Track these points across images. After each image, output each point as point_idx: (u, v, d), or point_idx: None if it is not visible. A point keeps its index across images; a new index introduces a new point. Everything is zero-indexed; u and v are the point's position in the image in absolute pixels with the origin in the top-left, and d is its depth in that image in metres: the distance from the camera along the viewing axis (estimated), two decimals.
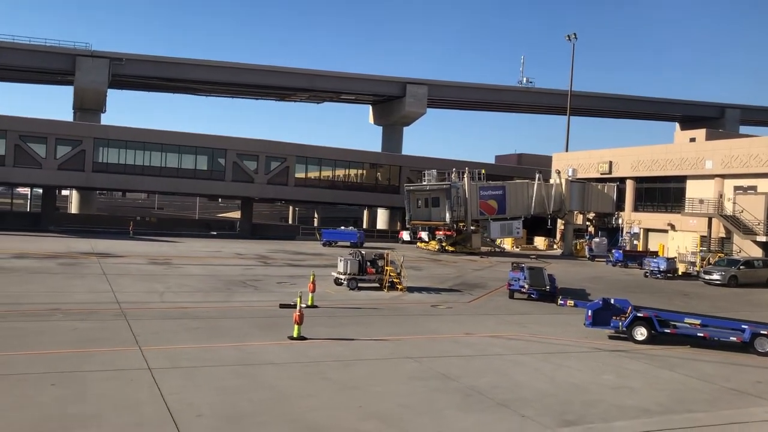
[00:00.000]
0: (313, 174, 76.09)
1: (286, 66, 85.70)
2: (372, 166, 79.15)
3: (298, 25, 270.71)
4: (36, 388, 13.56)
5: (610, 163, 64.84)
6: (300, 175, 74.38)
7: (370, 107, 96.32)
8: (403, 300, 29.21)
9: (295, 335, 19.63)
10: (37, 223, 64.76)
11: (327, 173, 77.13)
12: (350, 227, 67.78)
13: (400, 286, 31.57)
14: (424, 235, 62.04)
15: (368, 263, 32.08)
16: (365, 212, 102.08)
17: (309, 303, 25.52)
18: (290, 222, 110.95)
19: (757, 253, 48.17)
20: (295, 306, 25.14)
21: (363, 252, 32.73)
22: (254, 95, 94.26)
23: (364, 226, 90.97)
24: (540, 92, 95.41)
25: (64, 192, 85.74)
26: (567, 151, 75.07)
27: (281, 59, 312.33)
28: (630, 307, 22.59)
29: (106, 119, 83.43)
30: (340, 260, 32.19)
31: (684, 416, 14.04)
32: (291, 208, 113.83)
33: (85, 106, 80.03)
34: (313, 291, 26.07)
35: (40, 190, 71.37)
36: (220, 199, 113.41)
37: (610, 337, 22.65)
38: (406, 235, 68.31)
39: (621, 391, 15.90)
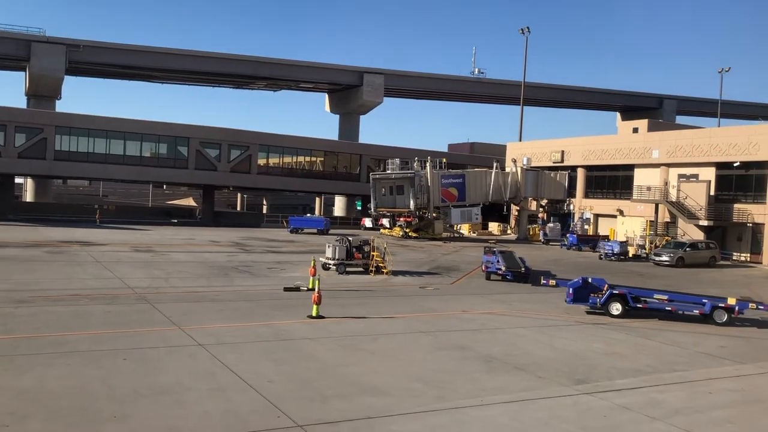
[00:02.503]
0: (275, 162, 77.19)
1: (245, 54, 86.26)
2: (332, 154, 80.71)
3: (256, 13, 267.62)
4: (113, 362, 15.10)
5: (563, 152, 68.25)
6: (262, 162, 75.41)
7: (327, 96, 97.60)
8: (391, 283, 31.31)
9: (314, 314, 21.46)
10: None
11: (288, 161, 78.34)
12: (318, 215, 69.34)
13: (385, 270, 33.64)
14: (385, 221, 64.20)
15: (355, 249, 34.02)
16: (317, 200, 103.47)
17: (309, 286, 27.28)
18: (239, 209, 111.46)
19: (700, 236, 52.13)
20: (298, 289, 27.18)
21: (350, 238, 34.62)
22: (212, 83, 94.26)
23: (316, 213, 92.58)
24: (492, 83, 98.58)
25: (18, 180, 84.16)
26: (520, 140, 78.29)
27: (239, 47, 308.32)
28: (606, 285, 25.30)
29: (61, 106, 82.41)
30: (329, 246, 34.03)
31: (672, 374, 16.64)
32: (239, 195, 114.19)
33: (40, 93, 78.78)
34: (314, 275, 27.84)
35: None
36: (165, 186, 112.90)
37: (588, 313, 25.26)
38: (368, 222, 70.32)
39: (613, 356, 18.43)
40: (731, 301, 24.14)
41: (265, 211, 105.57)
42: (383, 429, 11.74)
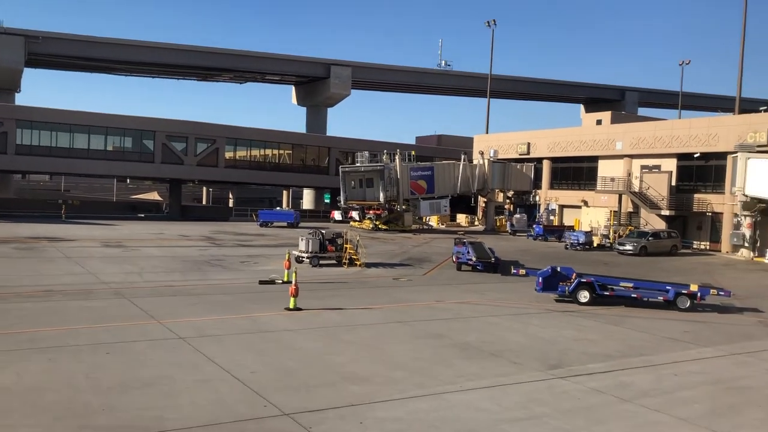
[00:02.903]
0: (242, 155, 76.83)
1: (210, 46, 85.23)
2: (300, 147, 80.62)
3: (221, 5, 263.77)
4: (95, 357, 15.22)
5: (528, 144, 69.27)
6: (229, 155, 75.00)
7: (293, 88, 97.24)
8: (365, 275, 31.70)
9: (291, 306, 21.75)
10: None
11: (256, 154, 78.04)
12: (287, 208, 69.29)
13: (358, 263, 34.02)
14: (355, 214, 64.50)
15: (328, 242, 34.31)
16: (285, 193, 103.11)
17: (285, 279, 27.53)
18: (204, 203, 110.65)
19: (662, 225, 53.59)
20: (273, 282, 27.42)
21: (323, 231, 34.89)
22: (176, 75, 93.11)
23: (284, 206, 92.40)
24: (458, 75, 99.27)
25: None
26: (487, 133, 79.16)
27: (204, 39, 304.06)
28: (574, 274, 26.04)
29: (21, 100, 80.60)
30: (302, 239, 34.26)
31: (639, 358, 17.36)
32: (205, 189, 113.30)
33: None
34: (289, 268, 28.08)
35: None
36: (128, 180, 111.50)
37: (557, 301, 25.98)
38: (337, 215, 70.49)
39: (583, 342, 19.11)
40: (693, 288, 25.08)
41: (231, 204, 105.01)
42: (368, 415, 12.14)
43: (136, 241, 42.41)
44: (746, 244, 46.81)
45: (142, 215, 73.61)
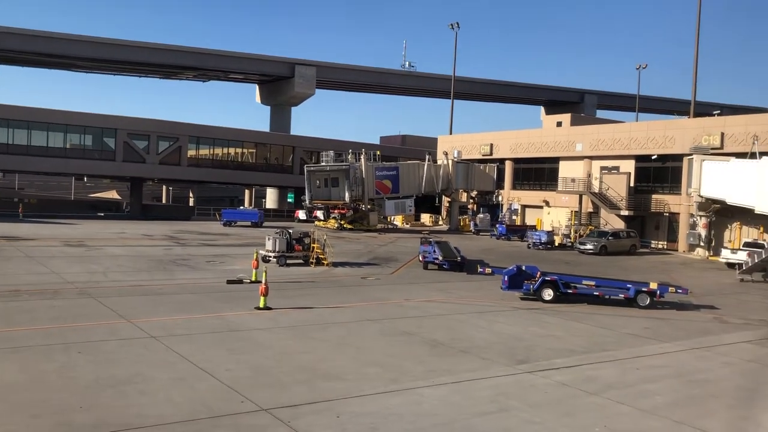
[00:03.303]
0: (205, 153, 76.20)
1: (172, 44, 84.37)
2: (264, 146, 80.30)
3: (185, 2, 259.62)
4: (67, 356, 15.14)
5: (491, 145, 70.22)
6: (192, 153, 74.32)
7: (257, 86, 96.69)
8: (333, 274, 31.88)
9: (261, 306, 21.83)
10: None
11: (219, 153, 77.46)
12: (250, 207, 68.94)
13: (325, 262, 34.18)
14: (319, 213, 64.57)
15: (295, 241, 34.39)
16: (247, 192, 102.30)
17: (253, 279, 27.55)
18: (164, 202, 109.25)
19: (621, 225, 54.94)
20: (241, 282, 27.44)
21: (290, 231, 34.96)
22: (138, 73, 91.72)
23: (246, 205, 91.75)
24: (422, 76, 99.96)
25: None
26: (451, 133, 79.95)
27: (167, 36, 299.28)
28: (539, 273, 26.66)
29: None
30: (269, 239, 34.26)
31: (603, 353, 17.95)
32: (165, 187, 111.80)
33: None
34: (257, 267, 28.11)
35: None
36: (85, 178, 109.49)
37: (522, 298, 26.56)
38: (302, 214, 70.44)
39: (548, 338, 19.65)
40: (653, 286, 25.90)
41: (191, 203, 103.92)
42: (343, 410, 12.38)
43: (99, 241, 41.83)
44: (702, 244, 48.30)
45: (102, 214, 72.57)
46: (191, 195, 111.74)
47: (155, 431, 10.93)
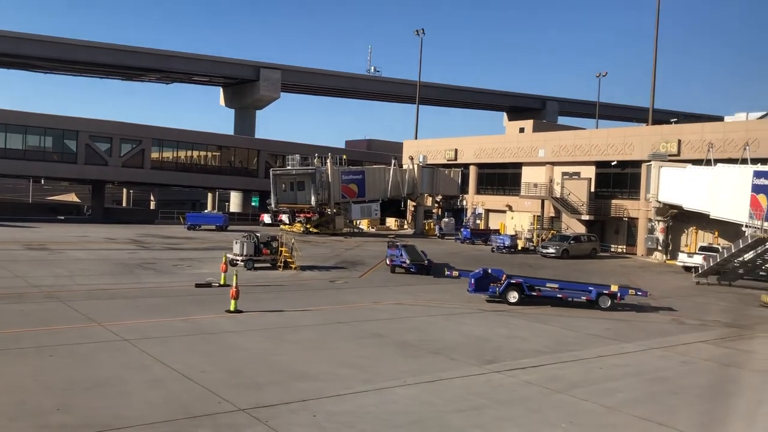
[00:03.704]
0: (169, 156, 75.49)
1: (134, 45, 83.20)
2: (229, 149, 79.91)
3: (149, 3, 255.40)
4: (40, 359, 15.13)
5: (456, 150, 71.12)
6: (155, 156, 73.55)
7: (221, 89, 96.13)
8: (301, 277, 32.07)
9: (232, 309, 21.95)
10: None
11: (183, 156, 76.82)
12: (215, 211, 68.53)
13: (293, 266, 34.33)
14: (285, 217, 64.59)
15: (263, 245, 34.48)
16: (210, 195, 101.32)
17: (222, 282, 27.61)
18: (125, 205, 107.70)
19: (582, 229, 56.15)
20: (209, 285, 27.48)
21: (258, 234, 35.03)
22: (99, 74, 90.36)
23: (209, 209, 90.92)
24: (387, 81, 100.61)
25: None
26: (416, 138, 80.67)
27: (130, 38, 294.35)
28: (504, 276, 27.29)
29: None
30: (236, 242, 34.27)
31: (567, 354, 18.56)
32: (125, 190, 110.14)
33: None
34: (225, 271, 28.16)
35: None
36: (42, 181, 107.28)
37: (488, 301, 27.13)
38: (267, 218, 70.30)
39: (514, 339, 20.22)
40: (614, 288, 26.76)
41: (152, 207, 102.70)
42: (319, 410, 12.67)
43: (61, 244, 41.25)
44: (659, 248, 49.72)
45: (63, 218, 71.30)
46: (152, 198, 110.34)
47: (136, 431, 11.08)
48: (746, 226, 34.70)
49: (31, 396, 12.57)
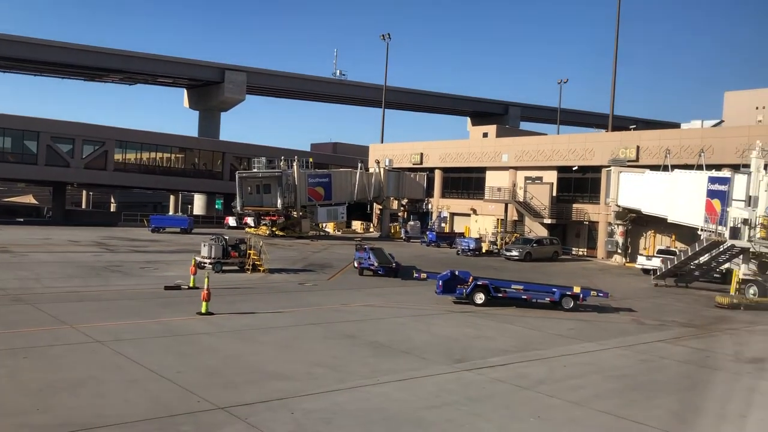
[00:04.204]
0: (132, 158, 74.68)
1: (96, 45, 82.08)
2: (194, 151, 79.40)
3: (111, 3, 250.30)
4: (14, 361, 15.16)
5: (422, 154, 71.88)
6: (119, 158, 72.72)
7: (185, 91, 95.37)
8: (270, 280, 32.26)
9: (203, 311, 22.11)
10: None
11: (147, 157, 76.07)
12: (179, 213, 68.01)
13: (262, 268, 34.48)
14: (250, 220, 64.50)
15: (231, 248, 34.55)
16: (172, 198, 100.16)
17: (191, 285, 27.67)
18: (83, 207, 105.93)
19: (544, 233, 57.30)
20: (179, 288, 27.52)
21: (226, 237, 35.09)
22: (60, 74, 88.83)
23: (171, 211, 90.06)
24: (353, 85, 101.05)
25: None
26: (382, 142, 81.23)
27: (93, 37, 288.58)
28: (471, 277, 27.92)
29: None
30: (204, 245, 34.29)
31: (533, 352, 19.23)
32: (84, 192, 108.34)
33: None
34: (195, 273, 28.22)
35: None
36: None
37: (455, 302, 27.71)
38: (232, 221, 70.06)
39: (481, 339, 20.82)
40: (576, 290, 27.60)
41: (112, 209, 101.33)
42: (296, 407, 13.03)
43: (23, 247, 40.68)
44: (619, 251, 51.08)
45: (22, 220, 69.97)
46: (113, 200, 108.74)
47: (118, 429, 11.30)
48: (702, 230, 36.04)
49: (10, 396, 12.68)
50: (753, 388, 16.42)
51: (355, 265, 36.84)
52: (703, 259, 35.89)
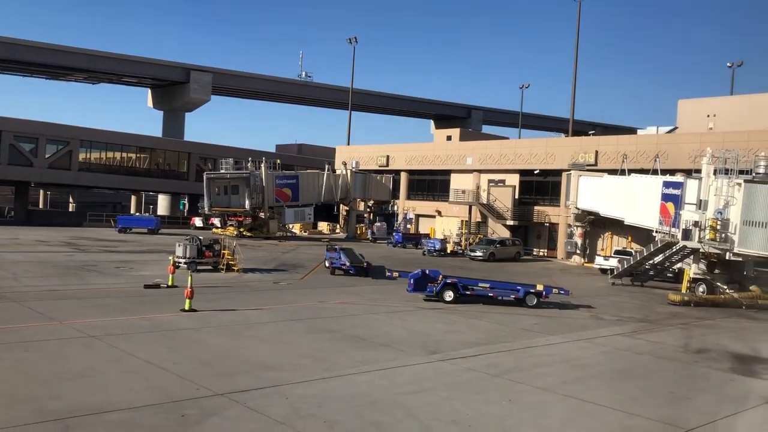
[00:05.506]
0: (97, 158, 74.31)
1: (59, 44, 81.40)
2: (159, 151, 79.31)
3: (76, 2, 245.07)
4: (15, 355, 15.89)
5: (388, 157, 73.22)
6: (83, 158, 72.30)
7: (149, 91, 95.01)
8: (245, 279, 33.12)
9: (187, 308, 22.95)
10: None
11: (112, 157, 75.75)
12: (146, 214, 67.97)
13: (236, 268, 35.29)
14: (216, 221, 64.91)
15: (205, 247, 35.29)
16: (134, 198, 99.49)
17: (170, 283, 28.40)
18: (41, 207, 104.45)
19: (507, 234, 59.12)
20: (158, 287, 28.24)
21: (201, 237, 35.81)
22: (22, 72, 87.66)
23: (133, 211, 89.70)
24: (319, 87, 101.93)
25: None
26: (349, 144, 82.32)
27: (56, 35, 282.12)
28: (441, 276, 29.27)
29: None
30: (179, 245, 34.95)
31: (501, 345, 20.61)
32: (42, 191, 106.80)
33: None
34: (173, 272, 28.94)
35: None
36: None
37: (425, 299, 29.00)
38: (198, 221, 70.35)
39: (453, 333, 22.14)
40: (539, 288, 29.16)
41: (71, 209, 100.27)
42: (290, 393, 14.11)
43: None
44: (578, 251, 53.14)
45: None
46: (71, 200, 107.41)
47: (129, 413, 12.23)
48: (656, 232, 38.01)
49: (21, 386, 13.47)
50: (699, 375, 18.09)
51: (327, 264, 37.90)
52: (657, 259, 37.92)
